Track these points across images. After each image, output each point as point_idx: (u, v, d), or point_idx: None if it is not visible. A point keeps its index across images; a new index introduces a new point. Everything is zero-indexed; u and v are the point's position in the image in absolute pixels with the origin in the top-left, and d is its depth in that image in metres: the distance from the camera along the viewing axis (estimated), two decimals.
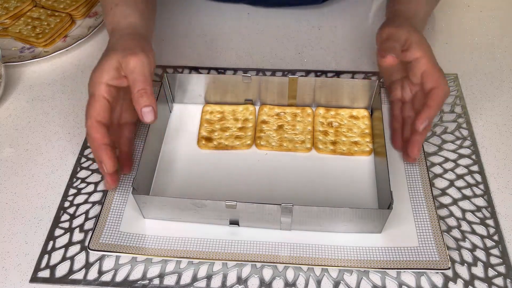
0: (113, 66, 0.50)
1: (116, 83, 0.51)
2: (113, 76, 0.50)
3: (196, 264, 0.49)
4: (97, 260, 0.50)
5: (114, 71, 0.50)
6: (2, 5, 0.77)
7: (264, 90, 0.60)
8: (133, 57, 0.50)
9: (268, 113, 0.61)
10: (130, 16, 0.57)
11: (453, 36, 0.74)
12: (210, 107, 0.62)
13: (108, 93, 0.50)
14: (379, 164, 0.53)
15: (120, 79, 0.51)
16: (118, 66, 0.50)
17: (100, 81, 0.50)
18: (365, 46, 0.73)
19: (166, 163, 0.57)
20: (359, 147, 0.57)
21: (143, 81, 0.50)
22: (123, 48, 0.51)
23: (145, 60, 0.50)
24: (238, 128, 0.60)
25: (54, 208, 0.54)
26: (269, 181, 0.55)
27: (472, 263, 0.49)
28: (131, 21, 0.56)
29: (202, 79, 0.60)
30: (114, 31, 0.56)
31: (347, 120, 0.60)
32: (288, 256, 0.48)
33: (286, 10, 0.79)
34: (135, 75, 0.50)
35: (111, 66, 0.50)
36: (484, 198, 0.54)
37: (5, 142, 0.62)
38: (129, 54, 0.50)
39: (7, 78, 0.69)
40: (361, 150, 0.57)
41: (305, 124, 0.60)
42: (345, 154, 0.57)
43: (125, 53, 0.50)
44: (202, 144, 0.58)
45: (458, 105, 0.63)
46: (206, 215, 0.49)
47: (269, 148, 0.58)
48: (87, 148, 0.60)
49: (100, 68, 0.51)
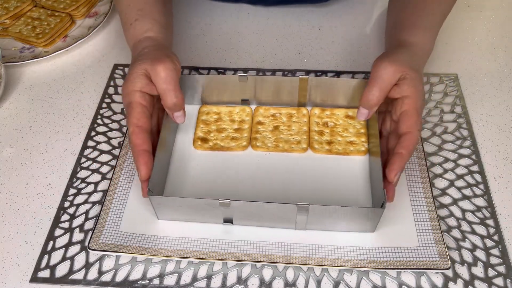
0: (143, 74, 0.52)
1: (148, 90, 0.52)
2: (145, 84, 0.52)
3: (196, 264, 0.49)
4: (97, 260, 0.50)
5: (145, 78, 0.52)
6: (2, 5, 0.77)
7: (260, 90, 0.60)
8: (161, 65, 0.51)
9: (263, 114, 0.61)
10: (151, 30, 0.58)
11: (453, 36, 0.74)
12: (207, 107, 0.62)
13: (143, 100, 0.51)
14: (374, 164, 0.53)
15: (151, 86, 0.52)
16: (147, 74, 0.52)
17: (134, 90, 0.51)
18: (365, 46, 0.73)
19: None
20: (354, 147, 0.57)
21: (173, 89, 0.52)
22: (148, 57, 0.53)
23: (172, 66, 0.52)
24: (234, 129, 0.60)
25: (54, 208, 0.55)
26: (265, 182, 0.55)
27: (472, 263, 0.49)
28: (152, 35, 0.58)
29: (198, 80, 0.60)
30: (136, 45, 0.57)
31: (343, 120, 0.60)
32: (288, 256, 0.48)
33: (286, 10, 0.79)
34: (164, 82, 0.51)
35: (141, 74, 0.52)
36: (484, 198, 0.54)
37: (5, 142, 0.62)
38: (156, 62, 0.51)
39: (7, 78, 0.69)
40: (356, 150, 0.57)
41: (300, 124, 0.60)
42: (341, 154, 0.57)
43: (153, 62, 0.52)
44: (197, 145, 0.58)
45: (458, 105, 0.63)
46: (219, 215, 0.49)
47: (265, 149, 0.58)
48: (87, 148, 0.60)
49: (131, 78, 0.52)
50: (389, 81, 0.52)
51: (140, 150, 0.49)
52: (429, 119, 0.62)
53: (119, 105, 0.65)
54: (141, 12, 0.59)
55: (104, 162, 0.59)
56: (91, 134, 0.62)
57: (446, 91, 0.65)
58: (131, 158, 0.57)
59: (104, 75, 0.70)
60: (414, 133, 0.50)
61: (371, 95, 0.52)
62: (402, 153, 0.49)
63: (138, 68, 0.52)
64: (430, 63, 0.69)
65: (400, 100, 0.52)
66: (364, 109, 0.53)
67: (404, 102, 0.51)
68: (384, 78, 0.52)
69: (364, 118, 0.54)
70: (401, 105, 0.51)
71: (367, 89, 0.52)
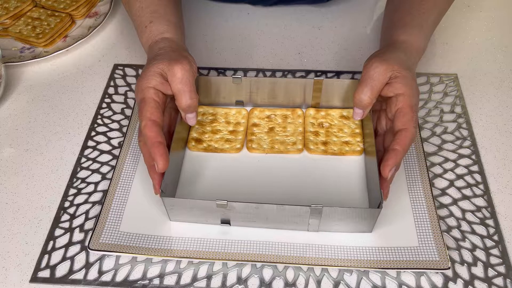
0: (159, 73, 0.52)
1: (163, 89, 0.52)
2: (160, 82, 0.51)
3: (196, 264, 0.49)
4: (97, 260, 0.50)
5: (160, 77, 0.52)
6: (2, 5, 0.77)
7: (255, 91, 0.60)
8: (178, 65, 0.51)
9: (258, 115, 0.61)
10: (166, 32, 0.58)
11: (453, 36, 0.74)
12: (203, 108, 0.62)
13: (157, 96, 0.51)
14: (369, 164, 0.53)
15: (166, 86, 0.52)
16: (164, 74, 0.52)
17: (148, 86, 0.51)
18: (365, 46, 0.73)
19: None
20: (350, 147, 0.57)
21: (189, 90, 0.52)
22: (165, 57, 0.53)
23: (188, 67, 0.52)
24: (229, 131, 0.60)
25: (54, 208, 0.55)
26: (261, 183, 0.55)
27: (472, 263, 0.49)
28: (168, 36, 0.58)
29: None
30: (153, 46, 0.57)
31: (338, 120, 0.60)
32: (288, 256, 0.48)
33: (286, 10, 0.79)
34: (180, 82, 0.51)
35: (157, 72, 0.52)
36: (484, 198, 0.54)
37: (5, 142, 0.62)
38: (173, 63, 0.51)
39: (7, 78, 0.69)
40: (352, 150, 0.57)
41: (295, 125, 0.60)
42: (337, 154, 0.57)
43: (170, 62, 0.52)
44: (191, 146, 0.58)
45: (458, 105, 0.63)
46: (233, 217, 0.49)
47: (260, 151, 0.58)
48: (87, 148, 0.60)
49: (146, 75, 0.52)
50: (380, 80, 0.52)
51: (155, 142, 0.48)
52: (429, 119, 0.62)
53: (119, 105, 0.65)
54: (155, 14, 0.59)
55: (104, 162, 0.59)
56: (91, 134, 0.62)
57: (446, 91, 0.65)
58: (131, 158, 0.57)
59: (104, 75, 0.70)
60: (410, 130, 0.50)
61: (363, 95, 0.52)
62: (397, 149, 0.49)
63: (154, 67, 0.52)
64: (430, 63, 0.69)
65: (394, 98, 0.52)
66: (358, 109, 0.54)
67: (398, 100, 0.51)
68: (375, 78, 0.52)
69: (359, 117, 0.54)
70: (396, 103, 0.51)
71: (359, 89, 0.53)
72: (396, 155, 0.48)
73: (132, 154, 0.58)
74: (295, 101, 0.61)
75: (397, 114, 0.51)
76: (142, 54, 0.56)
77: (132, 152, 0.58)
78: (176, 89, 0.52)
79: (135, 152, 0.58)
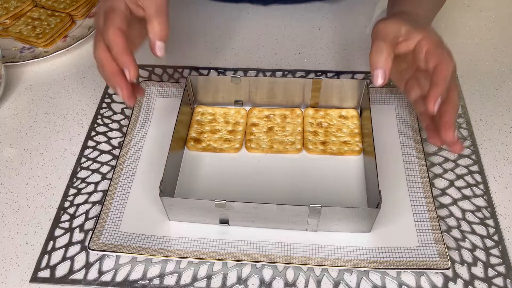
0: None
1: (134, 9, 0.49)
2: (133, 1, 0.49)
3: (196, 264, 0.49)
4: (97, 260, 0.50)
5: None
6: (2, 5, 0.77)
7: (254, 91, 0.60)
8: None
9: (257, 115, 0.61)
10: None
11: (453, 36, 0.74)
12: (202, 108, 0.62)
13: (127, 12, 0.49)
14: (368, 164, 0.53)
15: (138, 8, 0.49)
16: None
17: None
18: (365, 46, 0.72)
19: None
20: (349, 147, 0.57)
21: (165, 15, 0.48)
22: None
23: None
24: (228, 131, 0.60)
25: (54, 208, 0.55)
26: (260, 183, 0.55)
27: (472, 263, 0.49)
28: None
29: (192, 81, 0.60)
30: None
31: (337, 120, 0.60)
32: (288, 256, 0.48)
33: (286, 10, 0.79)
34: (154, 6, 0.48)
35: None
36: (484, 198, 0.54)
37: (5, 142, 0.62)
38: None
39: (7, 78, 0.69)
40: (351, 150, 0.57)
41: (294, 125, 0.60)
42: (335, 154, 0.57)
43: None
44: (190, 145, 0.58)
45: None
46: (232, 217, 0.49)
47: (259, 151, 0.58)
48: (87, 148, 0.60)
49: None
50: (393, 33, 0.49)
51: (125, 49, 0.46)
52: None
53: (119, 105, 0.65)
54: None
55: (104, 162, 0.59)
56: (91, 134, 0.62)
57: None
58: (131, 158, 0.57)
59: None
60: (445, 61, 0.47)
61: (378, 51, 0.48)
62: (436, 82, 0.46)
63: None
64: None
65: (417, 47, 0.49)
66: (378, 70, 0.48)
67: (421, 46, 0.49)
68: (387, 31, 0.49)
69: (381, 80, 0.49)
70: (421, 50, 0.49)
71: (373, 48, 0.49)
72: (436, 87, 0.46)
73: (132, 154, 0.58)
74: (294, 101, 0.61)
75: (427, 56, 0.48)
76: (142, 54, 0.56)
77: (132, 152, 0.58)
78: (149, 13, 0.48)
79: (135, 152, 0.58)
